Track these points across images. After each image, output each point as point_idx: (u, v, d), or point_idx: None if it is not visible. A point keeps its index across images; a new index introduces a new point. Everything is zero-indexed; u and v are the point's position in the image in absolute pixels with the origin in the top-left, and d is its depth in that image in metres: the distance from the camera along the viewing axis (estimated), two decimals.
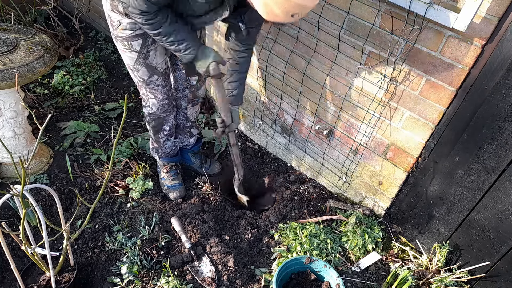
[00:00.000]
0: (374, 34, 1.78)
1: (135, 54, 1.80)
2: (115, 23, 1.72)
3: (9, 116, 2.03)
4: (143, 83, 1.94)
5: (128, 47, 1.78)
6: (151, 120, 2.12)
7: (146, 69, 1.87)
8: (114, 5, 1.67)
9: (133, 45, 1.77)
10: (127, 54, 1.82)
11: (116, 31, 1.75)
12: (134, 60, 1.83)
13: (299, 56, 2.14)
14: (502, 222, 1.74)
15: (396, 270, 1.96)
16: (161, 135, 2.19)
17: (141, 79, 1.92)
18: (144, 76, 1.90)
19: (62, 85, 3.00)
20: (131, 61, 1.85)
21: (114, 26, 1.74)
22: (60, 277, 1.74)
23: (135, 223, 2.10)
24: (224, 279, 1.88)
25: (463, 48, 1.54)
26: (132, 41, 1.76)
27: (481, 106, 1.60)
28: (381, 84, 1.87)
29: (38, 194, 2.17)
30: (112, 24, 1.75)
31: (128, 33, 1.73)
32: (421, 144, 1.89)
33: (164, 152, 2.28)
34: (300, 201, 2.34)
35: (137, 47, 1.78)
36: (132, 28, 1.71)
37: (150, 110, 2.07)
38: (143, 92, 2.01)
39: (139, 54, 1.81)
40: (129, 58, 1.84)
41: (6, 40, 1.98)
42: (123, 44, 1.78)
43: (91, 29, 3.93)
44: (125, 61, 1.88)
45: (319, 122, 2.28)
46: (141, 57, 1.82)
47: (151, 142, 2.28)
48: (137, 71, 1.88)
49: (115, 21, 1.72)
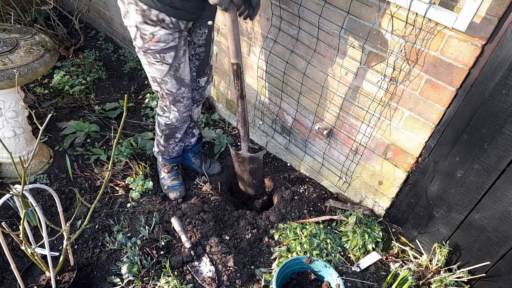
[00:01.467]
0: (374, 34, 1.78)
1: (166, 66, 1.77)
2: (147, 36, 1.67)
3: (9, 116, 2.03)
4: (170, 96, 1.90)
5: (159, 59, 1.74)
6: (166, 129, 2.10)
7: (175, 82, 1.84)
8: (146, 15, 1.61)
9: (165, 57, 1.73)
10: (157, 66, 1.77)
11: (147, 44, 1.69)
12: (164, 73, 1.79)
13: (299, 56, 2.14)
14: (502, 222, 1.74)
15: (396, 270, 1.96)
16: (171, 142, 2.19)
17: (169, 91, 1.88)
18: (172, 89, 1.87)
19: (62, 85, 3.00)
20: (160, 74, 1.80)
21: (146, 39, 1.68)
22: (60, 277, 1.74)
23: (135, 223, 2.10)
24: (224, 279, 1.88)
25: (463, 48, 1.54)
26: (165, 54, 1.72)
27: (481, 106, 1.60)
28: (381, 84, 1.87)
29: (38, 194, 2.18)
30: (142, 37, 1.68)
31: (162, 45, 1.69)
32: (421, 144, 1.89)
33: (170, 155, 2.29)
34: (300, 201, 2.34)
35: (169, 60, 1.75)
36: (166, 40, 1.68)
37: (167, 121, 2.04)
38: (165, 104, 1.97)
39: (171, 66, 1.77)
40: (159, 71, 1.79)
41: (6, 40, 1.98)
42: (154, 57, 1.73)
43: (91, 29, 3.93)
44: (152, 73, 1.82)
45: (319, 122, 2.28)
46: (172, 69, 1.79)
47: (157, 145, 2.27)
48: (166, 84, 1.84)
49: (147, 34, 1.66)
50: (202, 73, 2.10)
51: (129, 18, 1.67)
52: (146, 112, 2.92)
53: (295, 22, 2.05)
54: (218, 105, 2.97)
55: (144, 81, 3.28)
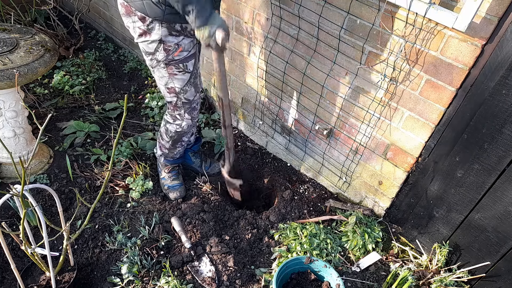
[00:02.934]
0: (374, 34, 1.78)
1: (187, 75, 1.76)
2: (172, 47, 1.65)
3: (9, 116, 2.03)
4: (186, 104, 1.89)
5: (182, 69, 1.73)
6: (175, 135, 2.09)
7: (194, 89, 1.84)
8: (172, 27, 1.59)
9: (187, 66, 1.73)
10: (179, 76, 1.76)
11: (171, 55, 1.68)
12: (186, 82, 1.78)
13: (299, 56, 2.14)
14: (502, 222, 1.74)
15: (396, 270, 1.96)
16: (178, 145, 2.19)
17: (187, 100, 1.87)
18: (190, 97, 1.86)
19: (62, 85, 3.00)
20: (181, 83, 1.79)
21: (170, 51, 1.66)
22: (60, 277, 1.74)
23: (135, 223, 2.10)
24: (224, 279, 1.88)
25: (463, 48, 1.54)
26: (187, 62, 1.72)
27: (481, 106, 1.60)
28: (381, 84, 1.87)
29: (38, 194, 2.18)
30: (166, 49, 1.66)
31: (185, 54, 1.69)
32: (421, 144, 1.89)
33: (174, 157, 2.29)
34: (300, 201, 2.34)
35: (190, 68, 1.75)
36: (188, 48, 1.68)
37: (178, 128, 2.03)
38: (179, 113, 1.95)
39: (191, 74, 1.77)
40: (180, 81, 1.78)
41: (6, 40, 1.98)
42: (177, 67, 1.72)
43: (91, 29, 3.93)
44: (171, 84, 1.80)
45: (319, 122, 2.28)
46: (192, 77, 1.79)
47: (161, 148, 2.25)
48: (185, 93, 1.84)
49: (172, 45, 1.65)
50: None
51: (150, 34, 1.63)
52: (146, 112, 2.92)
53: (295, 22, 2.05)
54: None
55: (144, 81, 3.28)
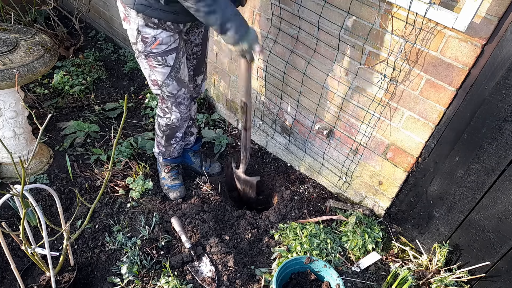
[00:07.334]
0: (374, 34, 1.78)
1: (168, 69, 1.77)
2: (149, 39, 1.67)
3: (9, 116, 2.03)
4: (171, 98, 1.91)
5: (161, 62, 1.74)
6: (167, 130, 2.10)
7: (176, 83, 1.85)
8: (148, 18, 1.61)
9: (167, 59, 1.74)
10: (158, 69, 1.77)
11: (149, 48, 1.70)
12: (166, 75, 1.80)
13: (299, 56, 2.14)
14: (502, 222, 1.74)
15: (396, 270, 1.96)
16: (172, 141, 2.20)
17: (170, 93, 1.89)
18: (173, 91, 1.88)
19: (62, 85, 3.00)
20: (162, 77, 1.81)
21: (148, 43, 1.68)
22: (60, 277, 1.74)
23: (135, 223, 2.10)
24: (224, 279, 1.88)
25: (463, 48, 1.54)
26: (167, 56, 1.73)
27: (481, 106, 1.60)
28: (381, 84, 1.87)
29: (38, 194, 2.18)
30: (144, 40, 1.68)
31: (163, 47, 1.70)
32: (421, 144, 1.89)
33: (171, 155, 2.29)
34: (300, 201, 2.34)
35: (171, 62, 1.75)
36: (167, 42, 1.68)
37: (168, 122, 2.05)
38: (167, 106, 1.98)
39: (172, 68, 1.78)
40: (161, 74, 1.80)
41: (6, 40, 1.98)
42: (156, 60, 1.74)
43: (91, 29, 3.93)
44: (153, 77, 1.83)
45: (319, 122, 2.28)
46: (173, 71, 1.80)
47: (158, 146, 2.26)
48: (167, 86, 1.85)
49: (149, 37, 1.67)
50: (199, 72, 2.12)
51: (129, 21, 1.67)
52: (146, 112, 2.92)
53: (295, 22, 2.05)
54: (218, 105, 2.97)
55: (144, 81, 3.28)
